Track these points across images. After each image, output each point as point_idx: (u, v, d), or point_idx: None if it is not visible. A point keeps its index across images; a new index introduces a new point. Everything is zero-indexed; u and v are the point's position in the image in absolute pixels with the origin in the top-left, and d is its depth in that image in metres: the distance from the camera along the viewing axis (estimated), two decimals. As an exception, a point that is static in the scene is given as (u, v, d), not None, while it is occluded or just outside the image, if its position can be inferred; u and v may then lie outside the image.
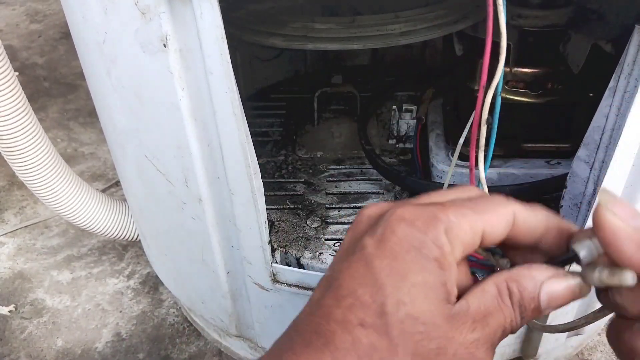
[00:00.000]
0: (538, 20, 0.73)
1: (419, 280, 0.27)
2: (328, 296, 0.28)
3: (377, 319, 0.27)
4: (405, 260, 0.28)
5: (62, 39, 2.00)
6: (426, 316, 0.27)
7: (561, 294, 0.29)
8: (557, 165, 0.76)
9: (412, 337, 0.27)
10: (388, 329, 0.27)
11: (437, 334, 0.27)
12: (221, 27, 0.43)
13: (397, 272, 0.27)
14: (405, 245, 0.28)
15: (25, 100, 0.73)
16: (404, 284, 0.27)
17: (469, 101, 0.78)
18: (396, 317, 0.27)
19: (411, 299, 0.27)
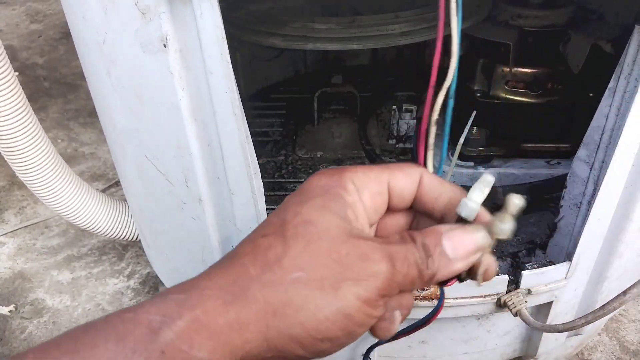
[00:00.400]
0: (538, 20, 0.73)
1: (319, 202, 0.32)
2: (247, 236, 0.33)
3: (277, 228, 0.31)
4: (310, 194, 0.32)
5: (62, 39, 2.00)
6: (318, 222, 0.31)
7: (464, 241, 0.32)
8: (557, 166, 0.76)
9: (304, 237, 0.30)
10: (284, 232, 0.30)
11: (329, 236, 0.30)
12: (221, 27, 0.43)
13: (302, 199, 0.32)
14: (316, 187, 0.33)
15: (25, 101, 0.73)
16: (305, 204, 0.32)
17: (469, 101, 0.78)
18: (292, 223, 0.31)
19: (309, 211, 0.31)
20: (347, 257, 0.30)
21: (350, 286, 0.29)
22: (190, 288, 0.29)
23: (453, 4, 0.39)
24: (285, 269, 0.29)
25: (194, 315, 0.27)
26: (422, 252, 0.31)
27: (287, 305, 0.29)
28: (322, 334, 0.29)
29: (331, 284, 0.29)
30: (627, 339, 0.92)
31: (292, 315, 0.29)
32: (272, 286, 0.29)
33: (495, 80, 0.76)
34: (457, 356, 0.72)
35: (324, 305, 0.29)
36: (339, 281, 0.29)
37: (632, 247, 0.63)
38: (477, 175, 0.77)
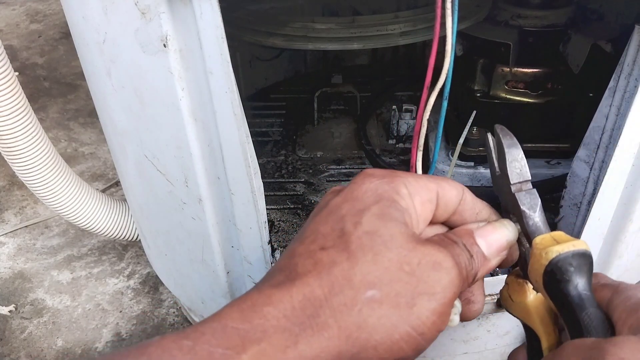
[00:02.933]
0: (538, 20, 0.73)
1: (376, 210, 0.30)
2: (293, 242, 0.31)
3: (336, 240, 0.28)
4: (366, 201, 0.30)
5: (62, 39, 2.00)
6: (383, 231, 0.29)
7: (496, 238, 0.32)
8: (557, 165, 0.76)
9: (371, 249, 0.28)
10: (347, 245, 0.28)
11: (395, 244, 0.28)
12: (221, 27, 0.43)
13: (357, 207, 0.30)
14: (368, 192, 0.31)
15: (25, 101, 0.73)
16: (362, 213, 0.29)
17: (469, 101, 0.78)
18: (355, 235, 0.28)
19: (368, 221, 0.29)
20: (419, 266, 0.28)
21: (425, 301, 0.28)
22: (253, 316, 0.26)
23: (449, 4, 0.39)
24: (356, 289, 0.27)
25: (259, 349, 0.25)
26: (466, 252, 0.31)
27: (361, 328, 0.27)
28: (394, 355, 0.28)
29: (407, 301, 0.27)
30: (627, 339, 0.92)
31: (366, 339, 0.27)
32: (345, 310, 0.27)
33: (495, 80, 0.76)
34: (457, 356, 0.72)
35: (399, 324, 0.27)
36: (414, 297, 0.27)
37: (632, 248, 0.63)
38: (477, 175, 0.77)
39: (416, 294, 0.27)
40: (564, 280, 0.29)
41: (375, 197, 0.30)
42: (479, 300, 0.34)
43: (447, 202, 0.33)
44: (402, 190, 0.31)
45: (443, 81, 0.41)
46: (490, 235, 0.32)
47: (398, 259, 0.28)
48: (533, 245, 0.31)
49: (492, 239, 0.32)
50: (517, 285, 0.35)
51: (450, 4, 0.39)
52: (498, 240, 0.32)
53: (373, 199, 0.30)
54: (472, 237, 0.32)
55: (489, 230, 0.32)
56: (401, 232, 0.29)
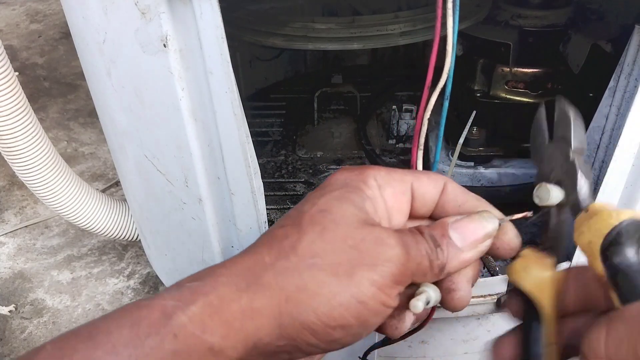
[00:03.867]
0: (538, 20, 0.73)
1: (337, 194, 0.32)
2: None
3: (294, 219, 0.31)
4: (331, 187, 0.33)
5: (62, 39, 2.00)
6: (335, 210, 0.31)
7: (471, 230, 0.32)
8: (557, 165, 0.76)
9: (320, 224, 0.30)
10: (301, 222, 0.31)
11: (344, 222, 0.30)
12: (221, 27, 0.43)
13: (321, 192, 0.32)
14: (337, 181, 0.33)
15: (25, 100, 0.73)
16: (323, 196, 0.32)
17: (469, 101, 0.78)
18: (309, 212, 0.31)
19: (325, 202, 0.31)
20: (363, 242, 0.30)
21: (365, 272, 0.29)
22: (205, 276, 0.29)
23: (450, 4, 0.39)
24: (300, 256, 0.29)
25: (207, 301, 0.28)
26: (431, 242, 0.31)
27: (301, 290, 0.28)
28: (336, 321, 0.29)
29: (346, 270, 0.29)
30: (627, 339, 0.92)
31: (305, 301, 0.28)
32: (286, 272, 0.29)
33: (495, 80, 0.76)
34: (457, 356, 0.72)
35: (338, 291, 0.29)
36: (354, 267, 0.29)
37: (632, 247, 0.63)
38: (477, 175, 0.77)
39: (356, 265, 0.29)
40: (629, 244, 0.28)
41: (341, 184, 0.33)
42: (461, 287, 0.34)
43: (425, 195, 0.34)
44: (370, 182, 0.33)
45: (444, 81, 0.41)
46: (465, 227, 0.32)
47: (344, 233, 0.30)
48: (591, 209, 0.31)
49: (468, 231, 0.32)
50: (536, 258, 0.34)
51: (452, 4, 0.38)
52: (474, 233, 0.32)
53: (338, 185, 0.33)
54: (445, 228, 0.32)
55: (464, 223, 0.33)
56: (353, 214, 0.31)
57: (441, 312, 0.62)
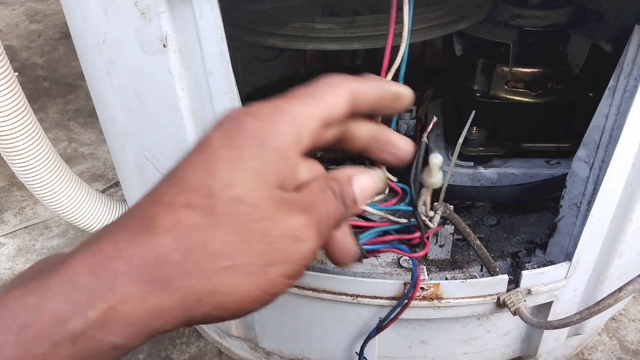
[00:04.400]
0: (538, 20, 0.73)
1: (252, 165, 0.28)
2: (162, 183, 0.29)
3: (203, 200, 0.27)
4: (245, 149, 0.29)
5: (62, 39, 2.00)
6: (251, 198, 0.28)
7: (367, 184, 0.33)
8: (556, 165, 0.76)
9: (235, 217, 0.27)
10: (213, 210, 0.27)
11: (261, 215, 0.28)
12: (221, 27, 0.43)
13: (233, 158, 0.28)
14: (249, 135, 0.29)
15: (25, 101, 0.73)
16: (236, 169, 0.28)
17: (469, 101, 0.78)
18: (222, 198, 0.27)
19: (240, 182, 0.28)
20: (279, 239, 0.28)
21: (280, 269, 0.28)
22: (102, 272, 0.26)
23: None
24: (212, 257, 0.27)
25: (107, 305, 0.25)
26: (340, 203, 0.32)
27: (212, 293, 0.27)
28: (244, 312, 0.29)
29: (261, 269, 0.28)
30: (627, 338, 0.92)
31: (217, 302, 0.27)
32: (197, 275, 0.27)
33: (495, 80, 0.76)
34: (457, 356, 0.72)
35: (251, 289, 0.28)
36: (268, 266, 0.28)
37: (632, 247, 0.63)
38: (477, 175, 0.77)
39: (271, 263, 0.28)
40: None
41: (257, 145, 0.29)
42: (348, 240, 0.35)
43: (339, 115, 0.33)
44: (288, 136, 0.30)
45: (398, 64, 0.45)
46: (365, 184, 0.33)
47: (260, 230, 0.28)
48: None
49: (366, 187, 0.33)
50: None
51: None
52: (370, 189, 0.34)
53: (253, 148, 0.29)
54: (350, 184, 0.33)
55: (365, 179, 0.34)
56: (269, 199, 0.29)
57: (442, 312, 0.63)
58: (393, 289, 0.61)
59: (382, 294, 0.62)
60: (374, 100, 0.35)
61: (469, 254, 0.70)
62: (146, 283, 0.26)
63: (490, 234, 0.74)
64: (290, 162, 0.30)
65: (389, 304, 0.62)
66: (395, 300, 0.61)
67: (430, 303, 0.61)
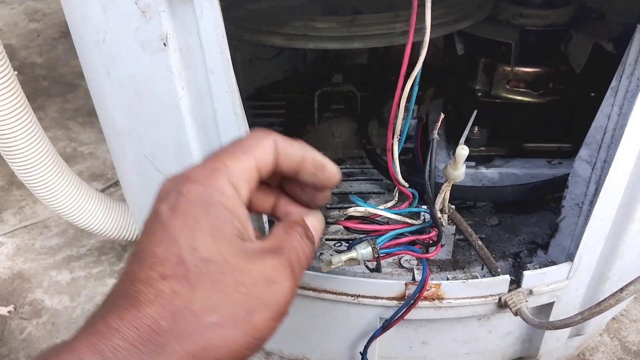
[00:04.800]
0: (539, 19, 0.73)
1: (207, 226, 0.31)
2: (132, 263, 0.31)
3: (175, 268, 0.30)
4: (195, 213, 0.31)
5: (61, 38, 2.00)
6: (217, 257, 0.30)
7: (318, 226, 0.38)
8: (558, 165, 0.76)
9: (208, 276, 0.30)
10: (186, 274, 0.30)
11: (229, 268, 0.30)
12: (221, 26, 0.43)
13: (189, 225, 0.31)
14: (193, 201, 0.31)
15: (24, 100, 0.73)
16: (195, 233, 0.30)
17: (471, 101, 0.78)
18: (192, 262, 0.30)
19: (202, 244, 0.30)
20: (254, 286, 0.31)
21: (262, 313, 0.31)
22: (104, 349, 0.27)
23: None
24: (197, 316, 0.29)
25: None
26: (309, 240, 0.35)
27: (206, 349, 0.29)
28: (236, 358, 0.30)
29: (244, 317, 0.30)
30: (628, 339, 0.92)
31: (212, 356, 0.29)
32: (189, 337, 0.29)
33: (497, 79, 0.76)
34: (458, 357, 0.72)
35: (239, 338, 0.30)
36: (250, 313, 0.30)
37: (633, 248, 0.62)
38: (479, 175, 0.77)
39: (252, 310, 0.30)
40: None
41: (205, 208, 0.31)
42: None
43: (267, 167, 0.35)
44: (228, 191, 0.32)
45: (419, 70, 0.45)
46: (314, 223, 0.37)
47: (233, 281, 0.30)
48: None
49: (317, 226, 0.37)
50: None
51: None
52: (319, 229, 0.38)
53: (203, 211, 0.31)
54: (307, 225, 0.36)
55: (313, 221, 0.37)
56: (235, 254, 0.31)
57: (443, 312, 0.62)
58: (394, 289, 0.61)
59: (384, 294, 0.61)
60: (297, 161, 0.37)
61: (470, 254, 0.70)
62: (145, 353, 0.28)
63: (492, 234, 0.73)
64: (238, 213, 0.32)
65: (390, 304, 0.61)
66: (396, 301, 0.61)
67: (432, 303, 0.61)
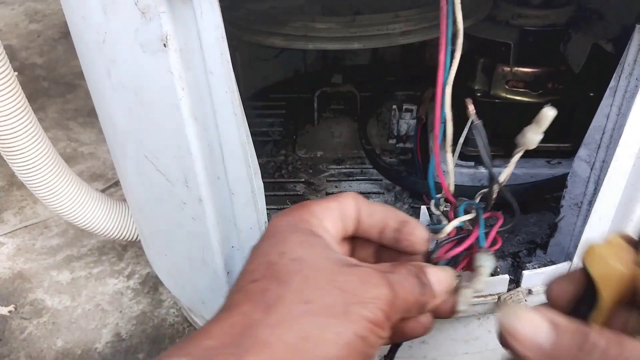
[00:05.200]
0: (538, 19, 0.73)
1: (296, 240, 0.31)
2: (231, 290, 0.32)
3: (265, 272, 0.30)
4: (283, 234, 0.32)
5: (62, 38, 2.00)
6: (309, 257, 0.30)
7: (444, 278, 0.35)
8: (557, 165, 0.76)
9: (300, 273, 0.29)
10: (277, 274, 0.29)
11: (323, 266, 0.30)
12: (221, 26, 0.43)
13: (277, 241, 0.32)
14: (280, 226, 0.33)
15: (24, 100, 0.73)
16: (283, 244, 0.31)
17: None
18: (281, 263, 0.30)
19: (292, 249, 0.31)
20: (347, 283, 0.29)
21: (358, 309, 0.29)
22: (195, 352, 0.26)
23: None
24: (290, 305, 0.28)
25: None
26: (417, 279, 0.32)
27: (304, 339, 0.27)
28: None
29: (341, 309, 0.28)
30: (627, 338, 0.92)
31: (311, 349, 0.27)
32: (283, 324, 0.27)
33: (496, 79, 0.76)
34: (457, 356, 0.72)
35: (341, 331, 0.28)
36: (347, 305, 0.28)
37: (633, 247, 0.62)
38: (478, 175, 0.77)
39: (349, 303, 0.29)
40: None
41: (291, 228, 0.32)
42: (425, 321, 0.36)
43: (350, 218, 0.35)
44: (312, 220, 0.33)
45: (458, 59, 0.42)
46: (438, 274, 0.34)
47: (327, 277, 0.29)
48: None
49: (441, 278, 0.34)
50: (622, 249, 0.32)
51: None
52: (445, 281, 0.34)
53: (289, 230, 0.32)
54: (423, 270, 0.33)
55: (437, 270, 0.34)
56: (326, 257, 0.31)
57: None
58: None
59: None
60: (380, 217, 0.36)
61: (469, 254, 0.70)
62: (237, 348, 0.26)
63: (491, 234, 0.73)
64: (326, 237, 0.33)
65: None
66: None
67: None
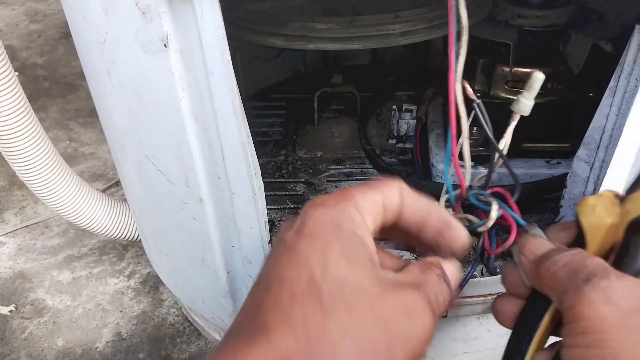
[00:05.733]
0: (538, 20, 0.73)
1: (338, 247, 0.29)
2: (256, 290, 0.30)
3: (306, 287, 0.28)
4: (324, 234, 0.29)
5: (62, 38, 2.00)
6: (351, 277, 0.28)
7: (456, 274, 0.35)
8: (557, 165, 0.76)
9: (342, 300, 0.27)
10: (319, 295, 0.27)
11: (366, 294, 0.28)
12: (222, 27, 0.43)
13: (318, 245, 0.29)
14: (321, 222, 0.30)
15: (25, 100, 0.73)
16: (326, 252, 0.29)
17: (469, 101, 0.78)
18: (324, 281, 0.28)
19: (335, 263, 0.28)
20: (392, 315, 0.28)
21: (401, 346, 0.28)
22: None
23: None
24: (332, 340, 0.27)
25: None
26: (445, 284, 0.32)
27: None
28: None
29: (384, 347, 0.27)
30: (627, 338, 0.92)
31: None
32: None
33: (495, 80, 0.76)
34: (457, 356, 0.72)
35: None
36: (390, 343, 0.28)
37: (632, 247, 0.62)
38: (477, 175, 0.77)
39: (392, 340, 0.28)
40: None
41: (334, 230, 0.30)
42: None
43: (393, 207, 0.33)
44: (357, 218, 0.31)
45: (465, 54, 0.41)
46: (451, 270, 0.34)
47: (370, 308, 0.28)
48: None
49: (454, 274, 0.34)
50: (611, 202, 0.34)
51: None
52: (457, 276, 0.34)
53: (332, 233, 0.29)
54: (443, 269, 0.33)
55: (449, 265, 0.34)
56: (370, 277, 0.29)
57: (441, 311, 0.62)
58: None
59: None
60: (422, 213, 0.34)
61: (468, 254, 0.70)
62: None
63: (491, 234, 0.73)
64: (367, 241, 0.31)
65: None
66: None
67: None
